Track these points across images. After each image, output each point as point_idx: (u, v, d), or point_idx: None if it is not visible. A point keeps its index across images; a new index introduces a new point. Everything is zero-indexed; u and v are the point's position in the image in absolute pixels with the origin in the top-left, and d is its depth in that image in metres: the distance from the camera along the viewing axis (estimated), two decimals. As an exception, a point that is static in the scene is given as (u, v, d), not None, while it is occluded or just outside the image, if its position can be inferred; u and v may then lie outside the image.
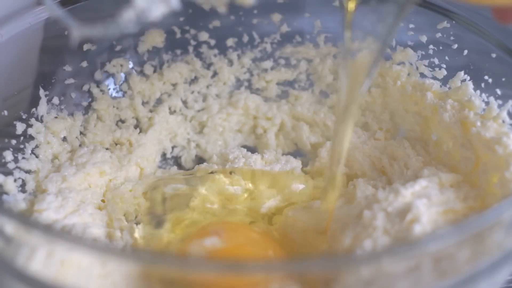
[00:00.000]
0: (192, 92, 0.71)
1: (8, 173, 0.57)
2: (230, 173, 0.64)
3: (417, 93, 0.63)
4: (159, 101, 0.69)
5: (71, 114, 0.65)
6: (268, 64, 0.71)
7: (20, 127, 0.60)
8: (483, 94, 0.59)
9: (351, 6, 0.50)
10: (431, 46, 0.64)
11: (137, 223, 0.59)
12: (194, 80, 0.71)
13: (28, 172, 0.59)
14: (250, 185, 0.63)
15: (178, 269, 0.41)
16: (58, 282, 0.43)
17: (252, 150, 0.69)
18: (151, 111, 0.69)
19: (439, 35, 0.63)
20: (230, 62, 0.71)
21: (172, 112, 0.70)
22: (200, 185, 0.63)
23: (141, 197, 0.62)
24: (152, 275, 0.44)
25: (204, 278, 0.41)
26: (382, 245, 0.48)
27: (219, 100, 0.71)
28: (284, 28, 0.70)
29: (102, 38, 0.65)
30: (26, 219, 0.51)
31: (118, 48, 0.67)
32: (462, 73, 0.61)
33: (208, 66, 0.71)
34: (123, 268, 0.45)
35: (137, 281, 0.45)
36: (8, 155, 0.58)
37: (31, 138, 0.60)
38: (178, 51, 0.69)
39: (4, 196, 0.55)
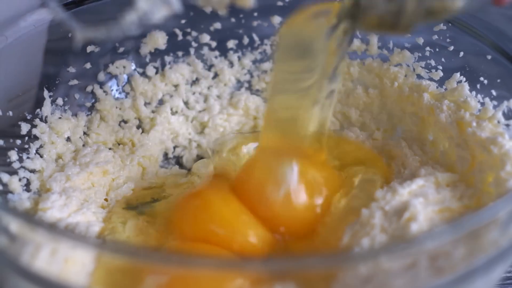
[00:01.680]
0: (194, 93, 0.71)
1: (13, 172, 0.57)
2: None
3: (414, 94, 0.63)
4: (161, 102, 0.70)
5: (75, 115, 0.65)
6: (268, 65, 0.71)
7: (24, 127, 0.60)
8: (479, 95, 0.60)
9: None
10: (427, 48, 0.64)
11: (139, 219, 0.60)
12: (195, 81, 0.71)
13: (32, 171, 0.59)
14: None
15: (178, 267, 0.41)
16: (62, 280, 0.43)
17: (252, 150, 0.69)
18: (153, 111, 0.69)
19: (435, 37, 0.63)
20: (231, 64, 0.71)
21: (173, 112, 0.70)
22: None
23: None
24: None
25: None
26: (379, 243, 0.48)
27: (220, 101, 0.71)
28: (284, 30, 0.70)
29: (105, 40, 0.65)
30: (30, 217, 0.51)
31: (121, 50, 0.67)
32: (458, 74, 0.62)
33: (209, 67, 0.71)
34: (126, 265, 0.46)
35: (139, 278, 0.46)
36: (13, 155, 0.58)
37: (36, 138, 0.61)
38: (180, 53, 0.70)
39: (9, 195, 0.56)
